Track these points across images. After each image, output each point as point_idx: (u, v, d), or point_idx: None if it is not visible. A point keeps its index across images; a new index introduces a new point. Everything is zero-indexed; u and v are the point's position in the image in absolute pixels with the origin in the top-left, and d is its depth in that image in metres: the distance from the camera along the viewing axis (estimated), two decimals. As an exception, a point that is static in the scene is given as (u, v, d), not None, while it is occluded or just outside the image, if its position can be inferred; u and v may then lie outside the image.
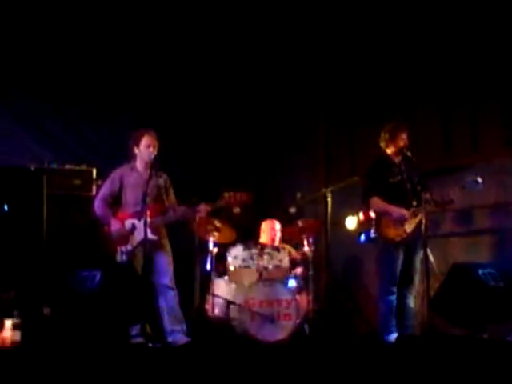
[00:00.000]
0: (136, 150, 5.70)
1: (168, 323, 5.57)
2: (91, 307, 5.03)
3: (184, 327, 5.62)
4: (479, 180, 5.50)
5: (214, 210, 5.71)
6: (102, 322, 5.05)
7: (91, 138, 7.10)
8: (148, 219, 5.38)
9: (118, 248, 5.54)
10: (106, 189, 5.73)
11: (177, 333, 5.55)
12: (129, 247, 5.53)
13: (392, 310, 5.71)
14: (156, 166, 5.55)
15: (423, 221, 5.53)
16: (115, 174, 5.74)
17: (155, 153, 5.63)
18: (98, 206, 5.68)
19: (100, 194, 5.75)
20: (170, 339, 5.54)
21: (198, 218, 5.78)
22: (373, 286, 6.28)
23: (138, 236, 5.51)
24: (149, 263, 5.48)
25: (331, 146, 7.78)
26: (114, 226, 5.56)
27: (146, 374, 4.32)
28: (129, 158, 5.81)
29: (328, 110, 7.82)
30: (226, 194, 5.62)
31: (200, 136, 7.50)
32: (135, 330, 5.50)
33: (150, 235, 5.43)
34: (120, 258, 5.54)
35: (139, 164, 5.74)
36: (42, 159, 6.41)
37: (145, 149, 5.65)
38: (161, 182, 5.69)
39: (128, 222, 5.58)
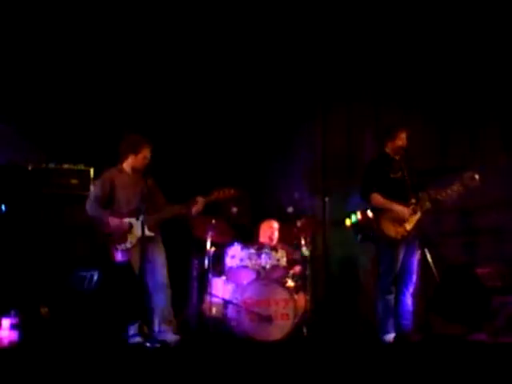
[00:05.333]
0: (131, 157, 5.75)
1: (157, 323, 5.59)
2: (89, 307, 5.03)
3: (173, 325, 5.65)
4: (476, 176, 5.52)
5: (208, 203, 5.80)
6: (100, 322, 5.05)
7: (89, 137, 7.10)
8: (143, 217, 5.47)
9: (118, 246, 5.56)
10: (97, 191, 5.73)
11: (166, 332, 5.57)
12: (128, 245, 5.55)
13: (390, 310, 5.71)
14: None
15: (421, 219, 5.54)
16: (104, 177, 5.77)
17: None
18: (91, 206, 5.67)
19: (92, 196, 5.73)
20: (158, 339, 5.54)
21: (194, 212, 5.79)
22: (371, 285, 6.29)
23: (136, 234, 5.54)
24: (146, 262, 5.51)
25: (328, 146, 7.78)
26: (113, 222, 5.57)
27: (144, 373, 4.33)
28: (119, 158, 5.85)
29: (325, 111, 7.81)
30: (216, 191, 5.76)
31: (197, 137, 7.50)
32: (133, 330, 5.50)
33: (147, 233, 5.50)
34: (118, 256, 5.55)
35: (128, 167, 5.79)
36: (39, 159, 6.40)
37: (142, 160, 5.72)
38: (149, 182, 5.75)
39: (125, 221, 5.60)
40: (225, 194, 5.81)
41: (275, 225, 6.82)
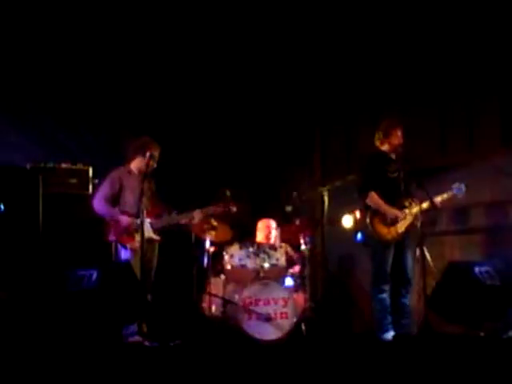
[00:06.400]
0: (139, 157, 5.78)
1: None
2: (88, 306, 5.02)
3: None
4: (463, 188, 5.62)
5: (205, 217, 5.92)
6: (99, 321, 5.04)
7: (88, 138, 7.10)
8: (150, 220, 5.64)
9: (128, 244, 5.59)
10: (106, 189, 5.75)
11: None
12: (136, 244, 5.57)
13: (386, 308, 5.72)
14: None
15: (418, 219, 5.55)
16: (114, 175, 5.79)
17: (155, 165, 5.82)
18: (100, 204, 5.70)
19: (101, 194, 5.76)
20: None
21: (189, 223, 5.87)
22: (369, 283, 6.29)
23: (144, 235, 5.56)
24: (147, 263, 5.56)
25: (327, 145, 7.79)
26: (126, 220, 5.62)
27: (143, 372, 4.32)
28: (125, 159, 5.88)
29: (324, 110, 7.83)
30: (213, 204, 5.85)
31: (198, 137, 7.51)
32: (132, 329, 5.50)
33: (153, 236, 5.68)
34: (126, 255, 5.61)
35: (135, 169, 5.83)
36: (38, 158, 6.39)
37: (150, 162, 5.74)
38: (152, 185, 5.83)
39: (135, 221, 5.64)
40: (222, 209, 5.89)
41: (272, 224, 6.83)
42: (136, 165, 5.82)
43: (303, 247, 6.49)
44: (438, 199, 5.67)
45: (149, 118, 7.13)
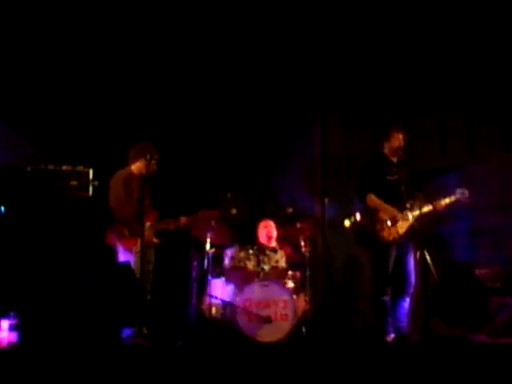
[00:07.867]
0: (140, 160, 5.83)
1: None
2: (88, 307, 5.03)
3: None
4: (467, 193, 5.59)
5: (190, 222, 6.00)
6: (99, 323, 5.04)
7: (89, 140, 7.11)
8: (149, 223, 5.70)
9: (133, 247, 5.63)
10: (123, 189, 5.81)
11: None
12: (139, 247, 5.60)
13: (387, 311, 5.72)
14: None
15: (419, 222, 5.55)
16: (125, 176, 5.87)
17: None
18: (120, 205, 5.75)
19: (118, 194, 5.79)
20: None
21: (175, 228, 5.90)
22: (369, 286, 6.30)
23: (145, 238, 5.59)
24: (146, 264, 5.57)
25: (328, 146, 7.79)
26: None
27: (143, 374, 4.32)
28: (126, 162, 5.93)
29: (325, 111, 7.82)
30: (202, 211, 5.95)
31: (198, 138, 7.50)
32: (132, 331, 5.50)
33: (153, 239, 5.73)
34: (125, 257, 5.64)
35: (136, 171, 5.89)
36: (38, 160, 6.39)
37: (151, 165, 5.79)
38: (148, 189, 5.88)
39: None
40: (208, 214, 6.01)
41: (272, 224, 6.82)
42: (137, 167, 5.87)
43: (303, 249, 6.49)
44: (441, 203, 5.66)
45: (148, 119, 7.13)
